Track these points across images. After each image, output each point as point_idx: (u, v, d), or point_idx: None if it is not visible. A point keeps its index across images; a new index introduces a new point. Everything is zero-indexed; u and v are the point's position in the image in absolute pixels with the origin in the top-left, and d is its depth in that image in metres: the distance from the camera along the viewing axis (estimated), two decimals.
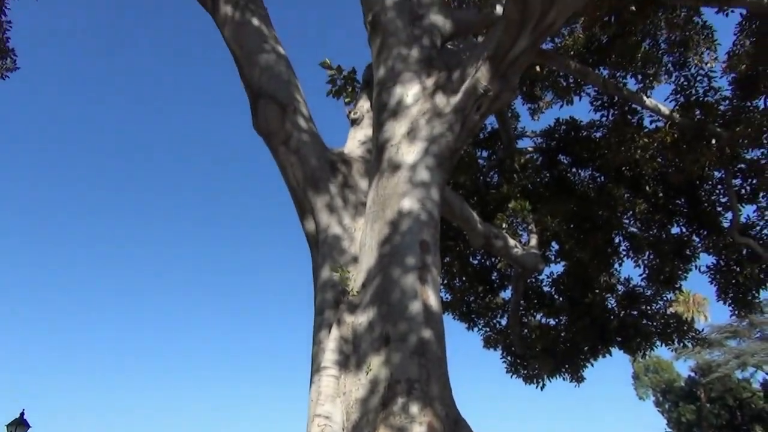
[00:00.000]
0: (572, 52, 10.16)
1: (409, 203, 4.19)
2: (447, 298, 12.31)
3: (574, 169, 11.53)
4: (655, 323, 11.34)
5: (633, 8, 7.25)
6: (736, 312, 11.16)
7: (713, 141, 8.84)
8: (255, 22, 5.48)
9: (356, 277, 4.23)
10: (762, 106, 9.56)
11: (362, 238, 4.39)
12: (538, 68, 10.44)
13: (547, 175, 11.33)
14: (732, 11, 8.75)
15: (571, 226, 10.83)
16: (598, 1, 6.87)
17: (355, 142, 5.44)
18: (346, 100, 6.22)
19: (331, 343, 3.91)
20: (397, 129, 4.60)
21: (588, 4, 6.31)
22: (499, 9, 5.79)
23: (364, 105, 5.74)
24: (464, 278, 12.03)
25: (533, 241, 9.40)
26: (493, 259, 11.90)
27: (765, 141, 9.33)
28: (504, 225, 9.69)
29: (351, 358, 3.81)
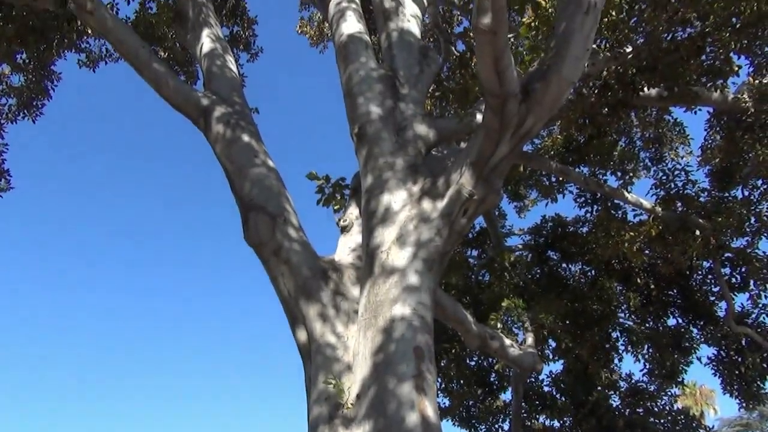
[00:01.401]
0: (552, 152, 10.56)
1: (401, 309, 4.17)
2: (445, 403, 11.90)
3: (564, 265, 11.61)
4: (663, 420, 10.97)
5: (605, 110, 7.63)
6: (744, 405, 10.85)
7: (697, 232, 9.01)
8: (245, 138, 5.70)
9: (351, 388, 4.12)
10: (740, 196, 9.86)
11: (355, 347, 4.32)
12: (521, 168, 10.79)
13: (538, 271, 11.38)
14: (700, 109, 9.23)
15: (567, 322, 10.72)
16: (572, 106, 7.24)
17: (345, 249, 5.49)
18: (335, 207, 6.34)
19: None
20: (387, 235, 4.67)
21: (563, 109, 6.64)
22: (478, 117, 6.08)
23: (353, 212, 5.85)
24: (462, 381, 11.71)
25: (529, 340, 9.24)
26: (490, 360, 11.65)
27: (748, 230, 9.52)
28: (499, 324, 9.57)
29: None
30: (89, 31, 8.05)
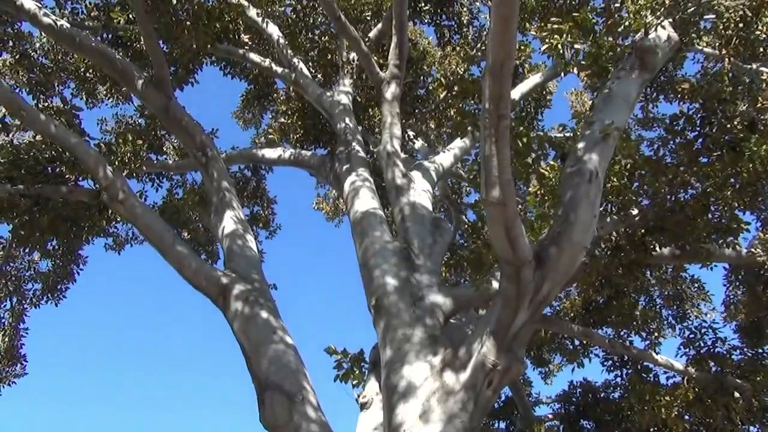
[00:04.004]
0: (572, 314, 10.39)
1: None
2: None
3: None
4: None
5: (620, 271, 7.64)
6: None
7: (737, 394, 8.50)
8: (263, 314, 5.72)
9: None
10: None
11: None
12: (542, 332, 10.56)
13: None
14: (716, 265, 9.21)
15: None
16: (587, 269, 7.27)
17: (366, 428, 5.23)
18: (354, 383, 6.15)
19: None
20: (409, 412, 4.47)
21: (577, 272, 6.68)
22: (495, 284, 6.11)
23: (372, 387, 5.66)
24: None
25: None
26: None
27: None
28: None
29: None
30: (118, 218, 8.50)
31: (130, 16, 8.40)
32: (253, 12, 10.27)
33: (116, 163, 7.51)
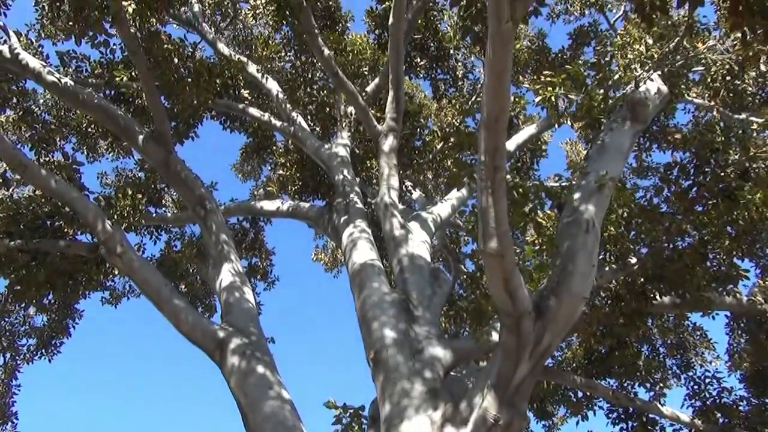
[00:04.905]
0: (574, 365, 10.23)
1: None
2: None
3: None
4: None
5: (621, 321, 7.58)
6: None
7: None
8: (260, 369, 5.63)
9: None
10: None
11: None
12: (545, 384, 10.37)
13: None
14: (717, 313, 9.14)
15: None
16: (587, 319, 7.22)
17: None
18: None
19: None
20: None
21: (578, 322, 6.62)
22: (495, 335, 6.04)
23: None
24: None
25: None
26: None
27: None
28: None
29: None
30: (115, 272, 8.47)
31: (133, 73, 8.61)
32: (252, 68, 10.53)
33: (115, 216, 7.53)
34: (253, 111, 10.24)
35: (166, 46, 7.53)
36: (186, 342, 6.21)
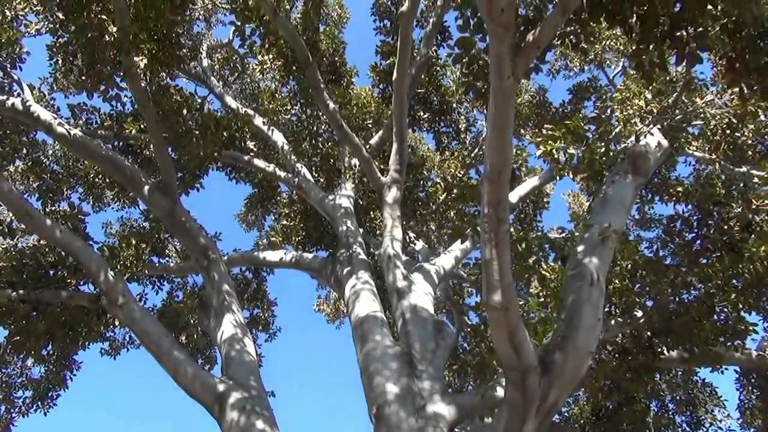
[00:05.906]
0: (582, 421, 9.97)
1: None
2: None
3: None
4: None
5: (629, 375, 7.42)
6: None
7: None
8: (259, 425, 5.50)
9: None
10: None
11: None
12: None
13: None
14: (726, 368, 8.95)
15: None
16: (594, 373, 7.08)
17: None
18: None
19: None
20: None
21: (585, 376, 6.50)
22: (500, 391, 5.92)
23: None
24: None
25: None
26: None
27: None
28: None
29: None
30: (116, 322, 8.40)
31: (142, 125, 8.76)
32: (259, 120, 10.73)
33: (118, 266, 7.53)
34: (259, 162, 10.37)
35: (175, 98, 7.69)
36: (185, 396, 6.10)
